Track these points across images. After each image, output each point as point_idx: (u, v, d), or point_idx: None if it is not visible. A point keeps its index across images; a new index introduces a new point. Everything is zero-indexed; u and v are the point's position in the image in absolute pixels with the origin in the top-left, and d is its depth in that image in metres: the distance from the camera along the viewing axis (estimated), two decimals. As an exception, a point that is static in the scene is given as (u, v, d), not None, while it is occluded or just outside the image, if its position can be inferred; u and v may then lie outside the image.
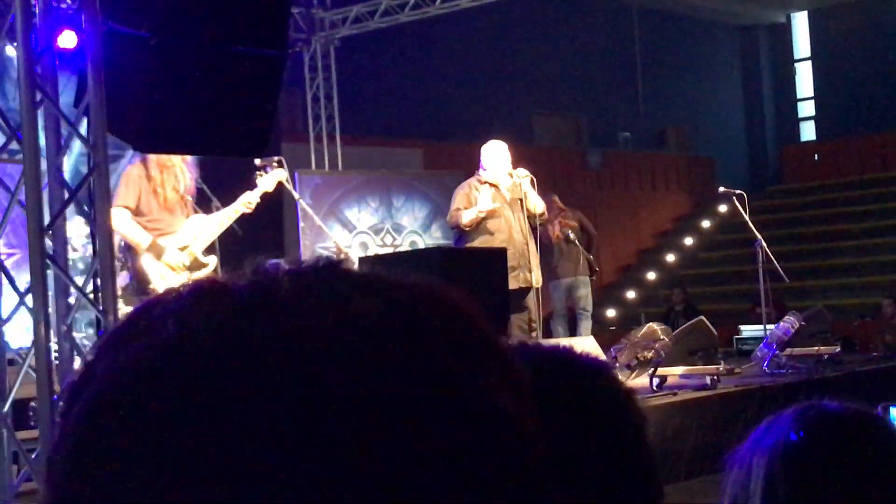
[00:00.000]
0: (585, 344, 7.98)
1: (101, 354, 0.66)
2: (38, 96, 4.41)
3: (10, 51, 6.33)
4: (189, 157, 7.21)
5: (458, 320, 0.69)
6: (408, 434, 0.62)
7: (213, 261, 7.44)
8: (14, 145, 4.71)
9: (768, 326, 10.10)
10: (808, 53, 25.34)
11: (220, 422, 0.60)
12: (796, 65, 25.53)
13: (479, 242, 8.60)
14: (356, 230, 13.64)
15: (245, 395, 0.61)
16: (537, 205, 8.85)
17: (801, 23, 25.38)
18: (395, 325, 0.65)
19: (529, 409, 0.69)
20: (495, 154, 8.93)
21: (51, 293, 4.71)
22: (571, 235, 11.23)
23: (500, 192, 8.76)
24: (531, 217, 8.82)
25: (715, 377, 8.03)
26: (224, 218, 7.49)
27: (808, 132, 25.65)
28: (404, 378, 0.63)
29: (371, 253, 13.45)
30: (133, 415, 0.61)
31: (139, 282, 7.25)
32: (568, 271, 11.45)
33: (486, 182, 8.82)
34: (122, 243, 7.23)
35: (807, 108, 25.66)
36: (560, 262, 11.43)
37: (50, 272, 4.56)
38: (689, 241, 21.80)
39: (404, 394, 0.63)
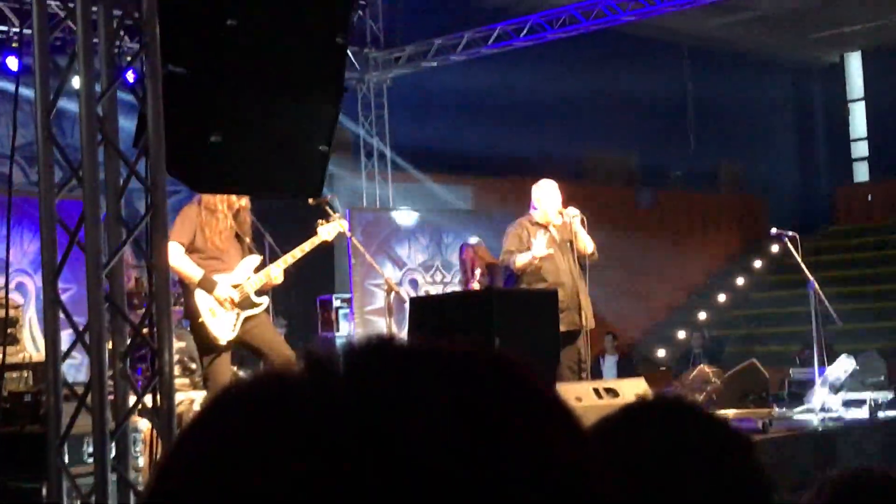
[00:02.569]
0: (636, 385, 7.94)
1: (183, 444, 0.70)
2: (99, 137, 4.49)
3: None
4: (245, 199, 7.33)
5: (519, 384, 0.71)
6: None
7: (265, 301, 7.51)
8: (72, 182, 4.78)
9: (820, 369, 10.00)
10: (861, 94, 25.17)
11: None
12: (850, 105, 25.36)
13: (530, 284, 8.60)
14: (406, 267, 13.69)
15: (324, 490, 0.62)
16: (587, 245, 8.84)
17: (854, 63, 25.23)
18: (459, 398, 0.66)
19: (595, 461, 0.71)
20: (546, 194, 8.93)
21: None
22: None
23: (550, 233, 8.77)
24: (581, 257, 8.81)
25: (767, 421, 7.97)
26: (281, 263, 7.62)
27: (861, 173, 25.43)
28: (474, 449, 0.64)
29: (421, 290, 13.49)
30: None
31: (190, 316, 7.35)
32: None
33: (537, 223, 8.83)
34: (176, 278, 7.32)
35: (860, 149, 25.46)
36: None
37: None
38: (740, 280, 21.65)
39: (478, 465, 0.64)
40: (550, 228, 8.80)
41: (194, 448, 0.68)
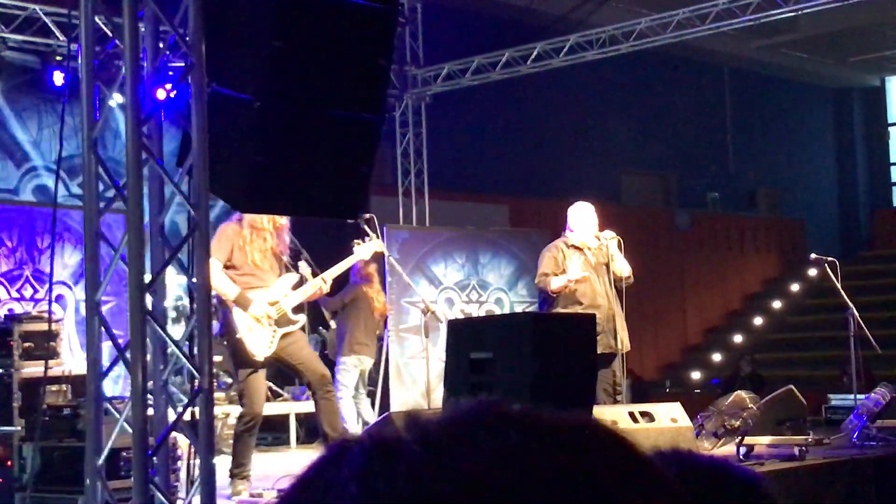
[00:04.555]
0: (671, 409, 7.91)
1: None
2: (144, 155, 4.54)
3: (113, 100, 6.48)
4: (285, 218, 7.41)
5: (621, 454, 0.73)
6: None
7: (301, 318, 7.58)
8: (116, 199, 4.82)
9: (858, 396, 9.92)
10: (902, 117, 25.03)
11: None
12: (890, 129, 25.21)
13: (565, 306, 8.59)
14: (442, 286, 13.69)
15: None
16: (623, 268, 8.81)
17: (895, 87, 25.09)
18: (567, 467, 0.69)
19: None
20: (582, 216, 8.91)
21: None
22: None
23: (586, 256, 8.75)
24: (617, 280, 8.79)
25: (803, 448, 7.90)
26: (319, 281, 7.72)
27: (901, 197, 25.28)
28: None
29: (457, 309, 13.50)
30: None
31: (227, 332, 7.42)
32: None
33: (572, 245, 8.81)
34: (214, 293, 7.39)
35: (900, 173, 25.31)
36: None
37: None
38: (777, 304, 21.51)
39: None
40: (586, 251, 8.78)
41: None
